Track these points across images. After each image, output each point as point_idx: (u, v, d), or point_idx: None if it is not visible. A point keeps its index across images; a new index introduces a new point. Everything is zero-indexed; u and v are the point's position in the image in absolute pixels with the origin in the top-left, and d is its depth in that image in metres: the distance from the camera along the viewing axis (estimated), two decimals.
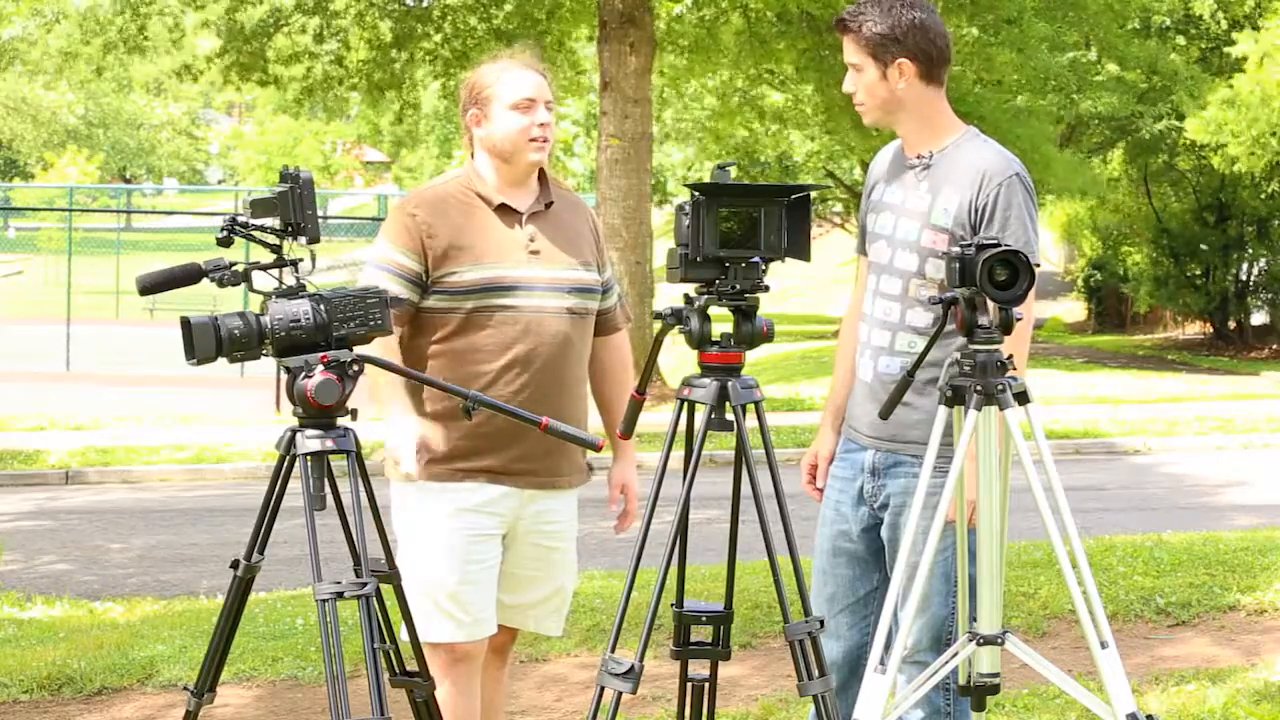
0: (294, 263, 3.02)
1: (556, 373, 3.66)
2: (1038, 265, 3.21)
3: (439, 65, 18.13)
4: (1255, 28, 21.61)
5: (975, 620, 3.26)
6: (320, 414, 2.98)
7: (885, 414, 3.34)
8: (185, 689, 3.31)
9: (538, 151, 3.68)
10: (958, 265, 3.10)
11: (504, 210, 3.70)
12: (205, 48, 17.52)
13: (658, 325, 3.43)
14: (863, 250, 3.80)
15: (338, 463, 3.05)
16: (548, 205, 3.76)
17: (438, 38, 17.89)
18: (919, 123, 3.62)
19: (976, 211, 3.50)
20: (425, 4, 18.19)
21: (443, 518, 3.62)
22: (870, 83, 3.58)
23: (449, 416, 3.63)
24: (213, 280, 3.01)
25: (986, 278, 3.06)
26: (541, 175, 3.79)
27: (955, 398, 3.17)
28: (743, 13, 17.61)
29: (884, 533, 3.65)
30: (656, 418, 11.67)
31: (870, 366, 3.63)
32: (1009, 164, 3.56)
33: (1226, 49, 22.79)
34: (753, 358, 3.47)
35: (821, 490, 3.83)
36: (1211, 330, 28.36)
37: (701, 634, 3.59)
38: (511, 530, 3.72)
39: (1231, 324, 27.89)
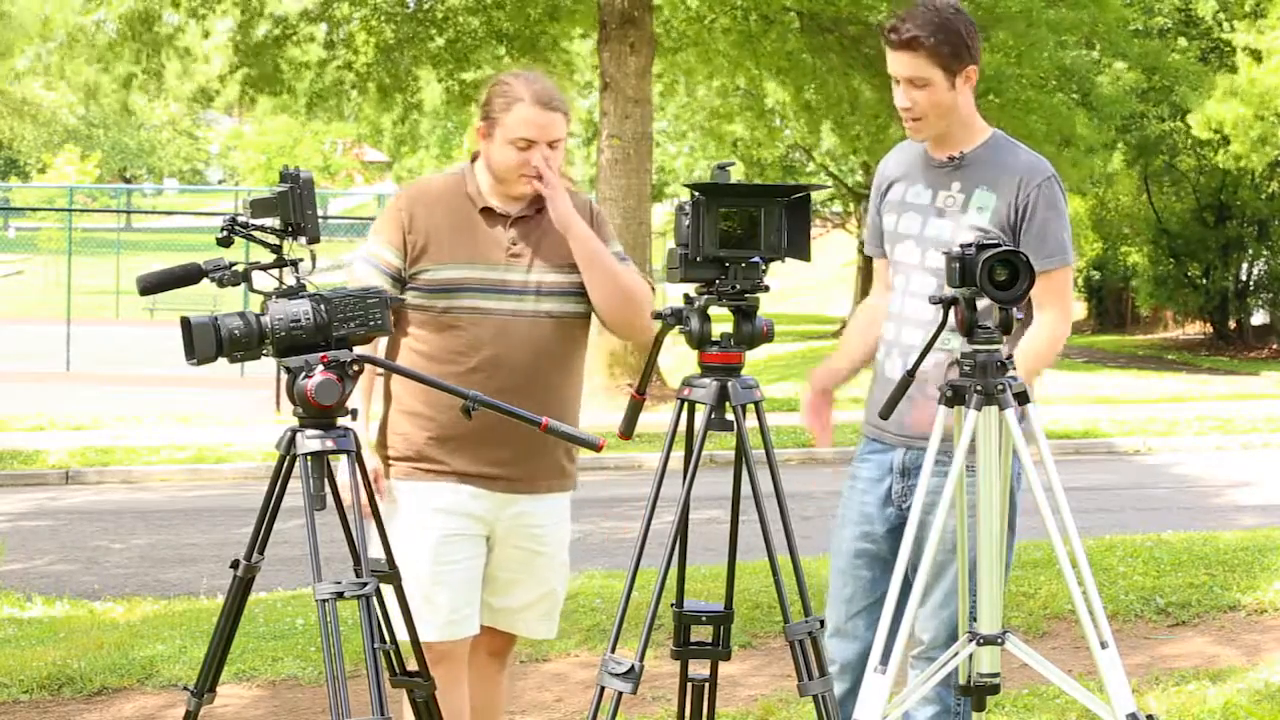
0: (294, 263, 3.02)
1: (529, 378, 3.60)
2: (1072, 265, 3.23)
3: (442, 69, 18.15)
4: (1258, 29, 21.63)
5: (975, 620, 3.26)
6: (320, 414, 2.98)
7: (885, 414, 3.34)
8: (185, 689, 3.31)
9: (528, 185, 3.64)
10: (958, 265, 3.10)
11: (489, 213, 3.68)
12: (217, 64, 17.55)
13: (658, 325, 3.42)
14: (878, 251, 3.79)
15: (338, 463, 3.05)
16: (539, 210, 3.70)
17: (440, 40, 17.90)
18: (961, 126, 3.62)
19: (1016, 212, 3.52)
20: (427, 6, 18.20)
21: (414, 517, 3.61)
22: (939, 96, 3.54)
23: (423, 416, 3.62)
24: (213, 280, 3.01)
25: (986, 278, 3.05)
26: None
27: (955, 398, 3.17)
28: (731, 13, 17.61)
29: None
30: (656, 418, 11.66)
31: (900, 365, 3.60)
32: (1044, 166, 3.59)
33: (1226, 42, 22.82)
34: (753, 358, 3.47)
35: (823, 426, 3.84)
36: (1211, 330, 28.35)
37: (701, 634, 3.59)
38: (493, 532, 3.70)
39: (1231, 324, 27.89)
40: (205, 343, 2.94)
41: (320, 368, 2.94)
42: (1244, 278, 27.83)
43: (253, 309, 3.03)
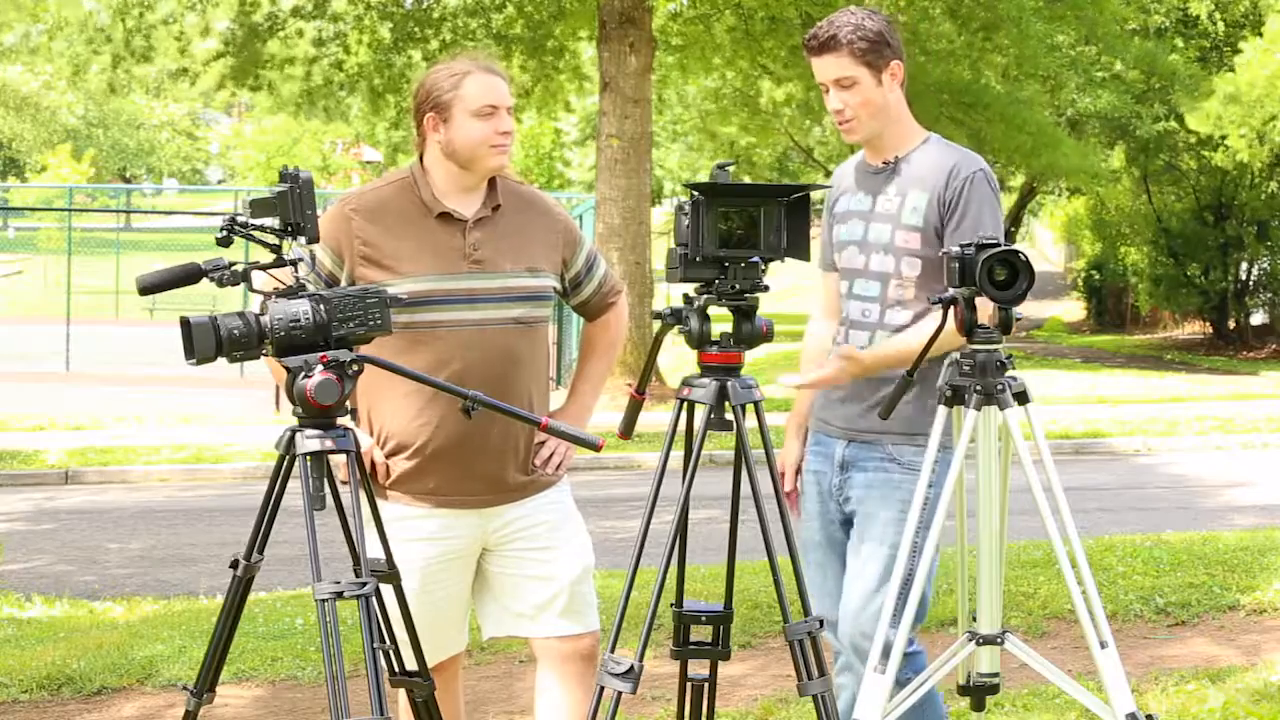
0: (294, 262, 3.01)
1: (498, 388, 3.40)
2: None
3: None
4: (1257, 30, 21.63)
5: (975, 620, 3.26)
6: (320, 414, 2.98)
7: (885, 414, 3.35)
8: (185, 689, 3.31)
9: (499, 156, 3.53)
10: (958, 265, 3.11)
11: (445, 219, 3.54)
12: (205, 48, 17.51)
13: (658, 325, 3.42)
14: (830, 266, 3.83)
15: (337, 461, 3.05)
16: (495, 209, 3.59)
17: (435, 42, 17.88)
18: (896, 127, 3.66)
19: (945, 205, 3.56)
20: (424, 5, 18.17)
21: (396, 549, 3.36)
22: (868, 94, 3.59)
23: (393, 440, 3.54)
24: (213, 280, 3.00)
25: (986, 277, 3.06)
26: (491, 178, 3.62)
27: (955, 398, 3.17)
28: (735, 11, 17.63)
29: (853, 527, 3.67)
30: (656, 418, 11.66)
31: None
32: (974, 161, 3.63)
33: (1226, 49, 22.83)
34: (752, 358, 3.47)
35: (793, 496, 3.87)
36: (1211, 330, 28.36)
37: (701, 634, 3.59)
38: (486, 542, 3.62)
39: (1231, 324, 27.90)
40: (205, 343, 2.93)
41: (320, 368, 2.94)
42: (1243, 278, 27.85)
43: (251, 309, 3.03)
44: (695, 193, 3.31)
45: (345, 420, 3.03)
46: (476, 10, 17.87)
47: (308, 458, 2.96)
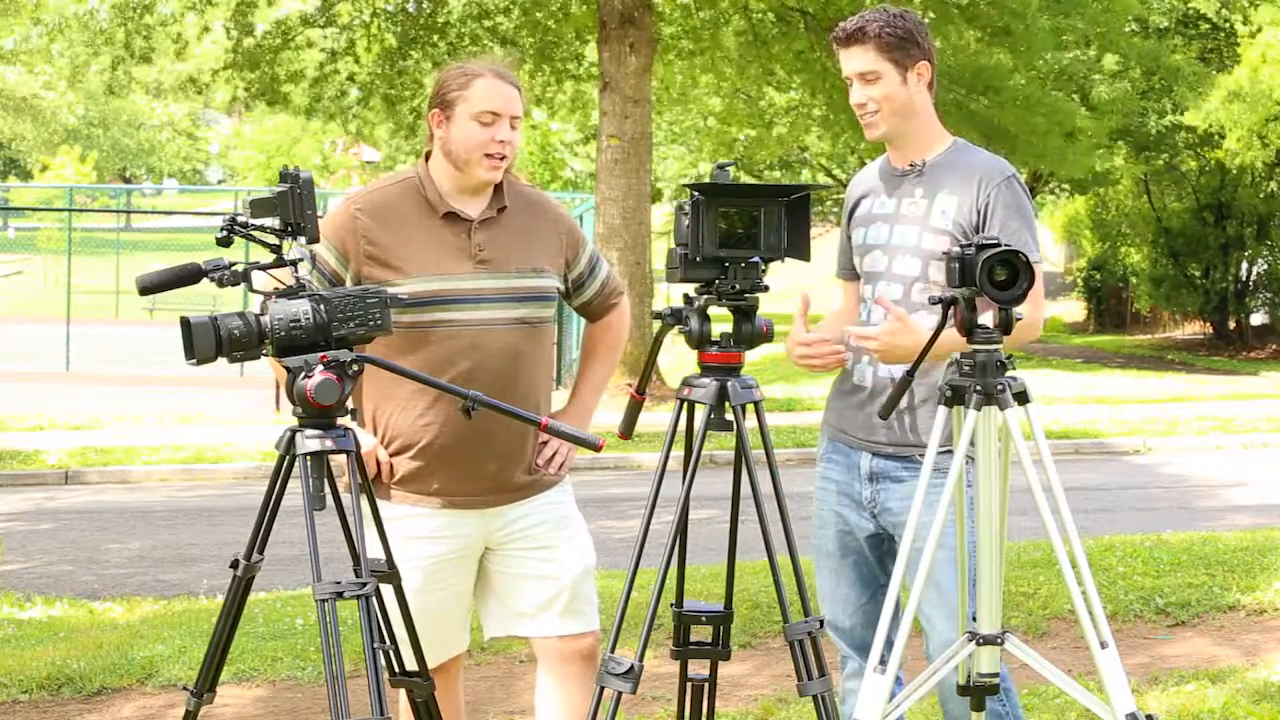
0: (294, 262, 3.01)
1: (504, 388, 3.44)
2: (1038, 263, 3.22)
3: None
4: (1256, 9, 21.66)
5: (975, 620, 3.26)
6: (320, 414, 2.98)
7: (885, 414, 3.34)
8: (185, 689, 3.31)
9: (491, 170, 3.52)
10: (958, 265, 3.10)
11: (451, 218, 3.54)
12: (210, 50, 17.54)
13: (658, 325, 3.42)
14: (849, 273, 3.79)
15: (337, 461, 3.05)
16: (500, 210, 3.60)
17: (443, 45, 17.89)
18: (921, 129, 3.63)
19: (977, 213, 3.53)
20: (429, 10, 18.17)
21: (398, 549, 3.34)
22: (891, 89, 3.56)
23: (398, 441, 3.54)
24: (213, 280, 3.00)
25: (986, 278, 3.05)
26: None
27: (955, 398, 3.17)
28: (744, 14, 17.63)
29: (895, 536, 3.65)
30: (656, 418, 11.67)
31: (870, 372, 3.61)
32: (1004, 167, 3.61)
33: (1227, 49, 22.83)
34: (752, 358, 3.47)
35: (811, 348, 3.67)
36: (1211, 330, 28.36)
37: (701, 634, 3.59)
38: (488, 542, 3.62)
39: (1231, 324, 27.90)
40: (205, 343, 2.94)
41: (320, 368, 2.94)
42: (1244, 277, 27.86)
43: (252, 309, 3.03)
44: (695, 193, 3.31)
45: (346, 420, 3.04)
46: (482, 15, 17.87)
47: (308, 458, 2.96)
